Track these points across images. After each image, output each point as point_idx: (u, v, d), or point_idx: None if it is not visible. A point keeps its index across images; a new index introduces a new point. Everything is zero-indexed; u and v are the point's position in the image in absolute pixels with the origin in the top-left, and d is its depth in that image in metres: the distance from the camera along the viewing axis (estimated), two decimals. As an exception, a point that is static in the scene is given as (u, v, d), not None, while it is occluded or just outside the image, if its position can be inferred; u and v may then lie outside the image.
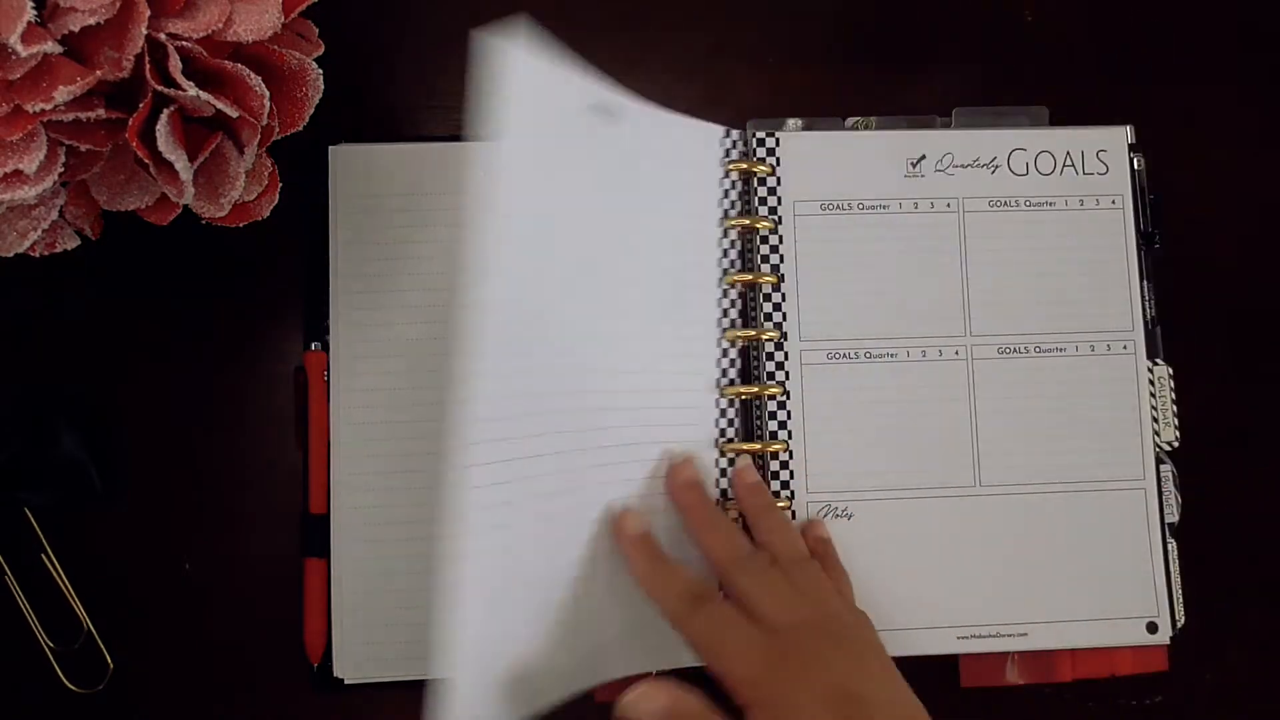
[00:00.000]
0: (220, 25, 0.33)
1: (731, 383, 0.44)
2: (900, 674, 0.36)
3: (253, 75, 0.33)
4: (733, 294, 0.44)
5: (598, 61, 0.47)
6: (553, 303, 0.38)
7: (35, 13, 0.30)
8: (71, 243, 0.37)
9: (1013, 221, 0.45)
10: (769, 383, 0.43)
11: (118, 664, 0.42)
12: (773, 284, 0.44)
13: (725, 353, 0.44)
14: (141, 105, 0.32)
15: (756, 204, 0.44)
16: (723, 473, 0.43)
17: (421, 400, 0.43)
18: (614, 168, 0.41)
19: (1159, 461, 0.44)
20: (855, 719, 0.34)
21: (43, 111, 0.31)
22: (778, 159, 0.44)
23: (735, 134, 0.45)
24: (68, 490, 0.41)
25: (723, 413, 0.43)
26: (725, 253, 0.44)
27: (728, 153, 0.45)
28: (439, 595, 0.34)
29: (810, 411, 0.43)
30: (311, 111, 0.35)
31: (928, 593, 0.43)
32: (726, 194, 0.44)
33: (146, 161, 0.33)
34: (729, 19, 0.47)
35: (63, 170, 0.33)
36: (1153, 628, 0.43)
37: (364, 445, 0.42)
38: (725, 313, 0.44)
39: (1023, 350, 0.44)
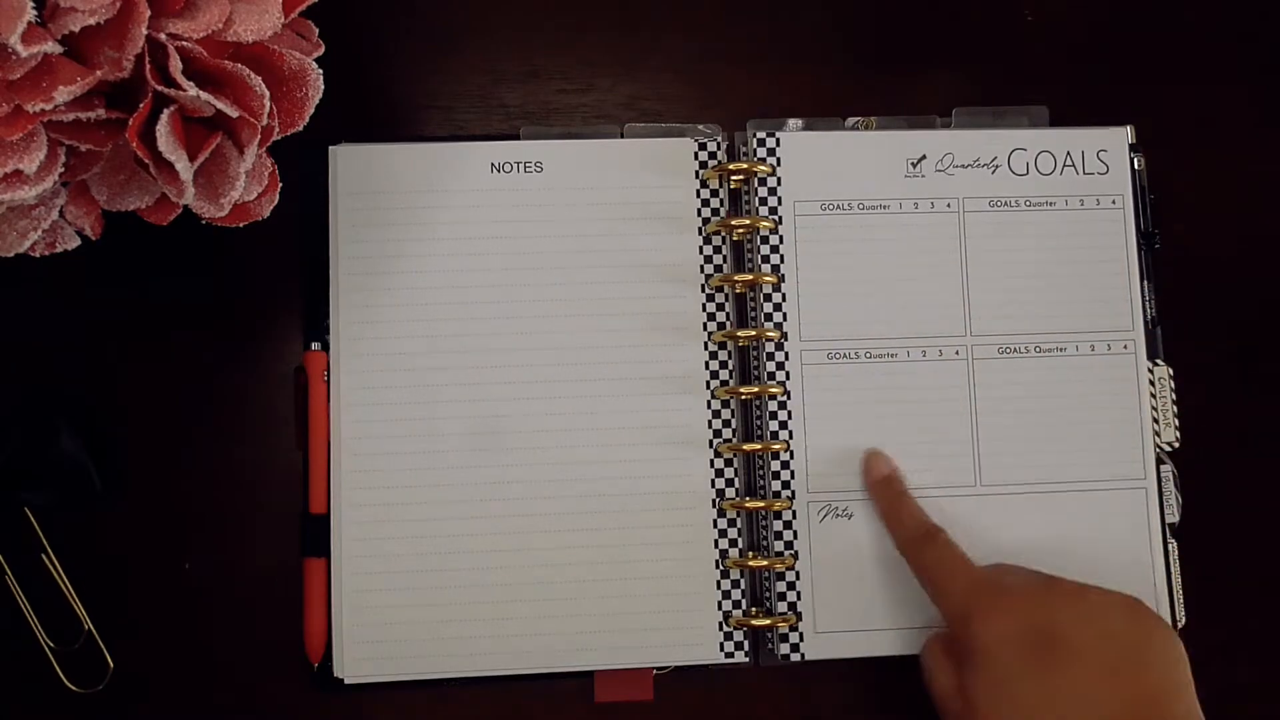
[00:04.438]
0: (220, 25, 0.33)
1: (729, 383, 0.44)
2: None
3: (253, 75, 0.33)
4: (731, 294, 0.44)
5: (598, 61, 0.47)
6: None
7: (35, 13, 0.30)
8: (71, 243, 0.37)
9: (1013, 221, 0.45)
10: (769, 383, 0.43)
11: (118, 664, 0.42)
12: (773, 284, 0.44)
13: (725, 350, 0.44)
14: (141, 105, 0.32)
15: (756, 204, 0.44)
16: (719, 473, 0.43)
17: (421, 400, 0.43)
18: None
19: (1159, 461, 0.44)
20: (1050, 654, 0.35)
21: (43, 111, 0.31)
22: (778, 159, 0.44)
23: (715, 140, 0.45)
24: (68, 490, 0.41)
25: (717, 414, 0.44)
26: (719, 252, 0.44)
27: (713, 155, 0.45)
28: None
29: (810, 411, 0.43)
30: (311, 111, 0.35)
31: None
32: (706, 203, 0.44)
33: (146, 161, 0.33)
34: (728, 19, 0.47)
35: (63, 170, 0.33)
36: (1153, 628, 0.43)
37: (364, 445, 0.42)
38: (724, 312, 0.44)
39: (1023, 350, 0.44)
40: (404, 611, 0.42)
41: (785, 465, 0.43)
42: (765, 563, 0.42)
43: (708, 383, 0.44)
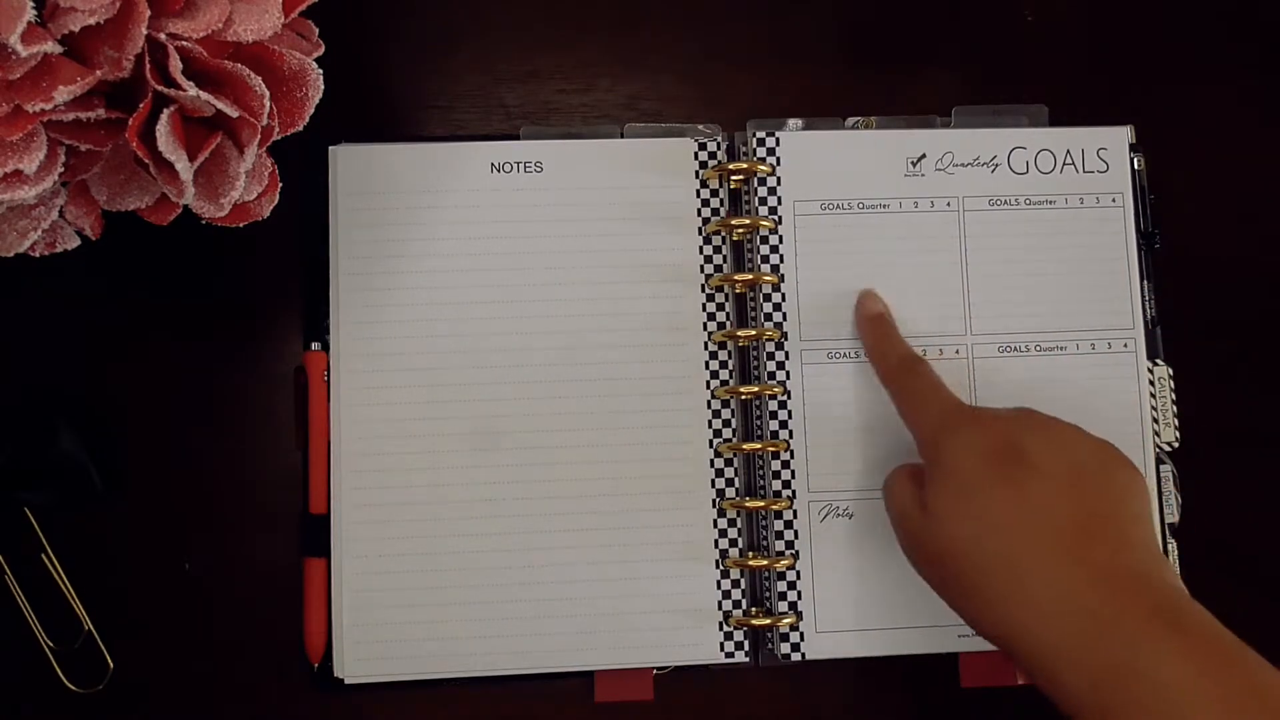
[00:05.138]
0: (220, 25, 0.33)
1: (729, 383, 0.44)
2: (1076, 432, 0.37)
3: (253, 75, 0.33)
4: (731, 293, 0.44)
5: (598, 61, 0.47)
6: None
7: (35, 13, 0.30)
8: (71, 243, 0.37)
9: (1013, 220, 0.45)
10: (769, 383, 0.43)
11: (118, 664, 0.42)
12: (773, 284, 0.44)
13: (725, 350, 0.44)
14: (141, 105, 0.32)
15: (756, 204, 0.44)
16: (719, 473, 0.43)
17: (421, 399, 0.43)
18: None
19: (1159, 461, 0.44)
20: (1014, 468, 0.35)
21: (43, 111, 0.31)
22: (778, 159, 0.44)
23: (715, 140, 0.45)
24: (68, 490, 0.41)
25: (717, 414, 0.44)
26: (719, 252, 0.44)
27: (713, 155, 0.45)
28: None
29: (810, 411, 0.43)
30: (311, 111, 0.35)
31: (928, 593, 0.42)
32: (706, 203, 0.44)
33: (146, 161, 0.33)
34: (728, 19, 0.47)
35: (63, 170, 0.33)
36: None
37: (364, 445, 0.42)
38: (724, 312, 0.44)
39: (1023, 349, 0.44)
40: (404, 611, 0.42)
41: (785, 465, 0.43)
42: (765, 563, 0.42)
43: (708, 383, 0.44)
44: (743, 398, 0.44)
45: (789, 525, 0.43)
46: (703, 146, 0.45)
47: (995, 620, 0.34)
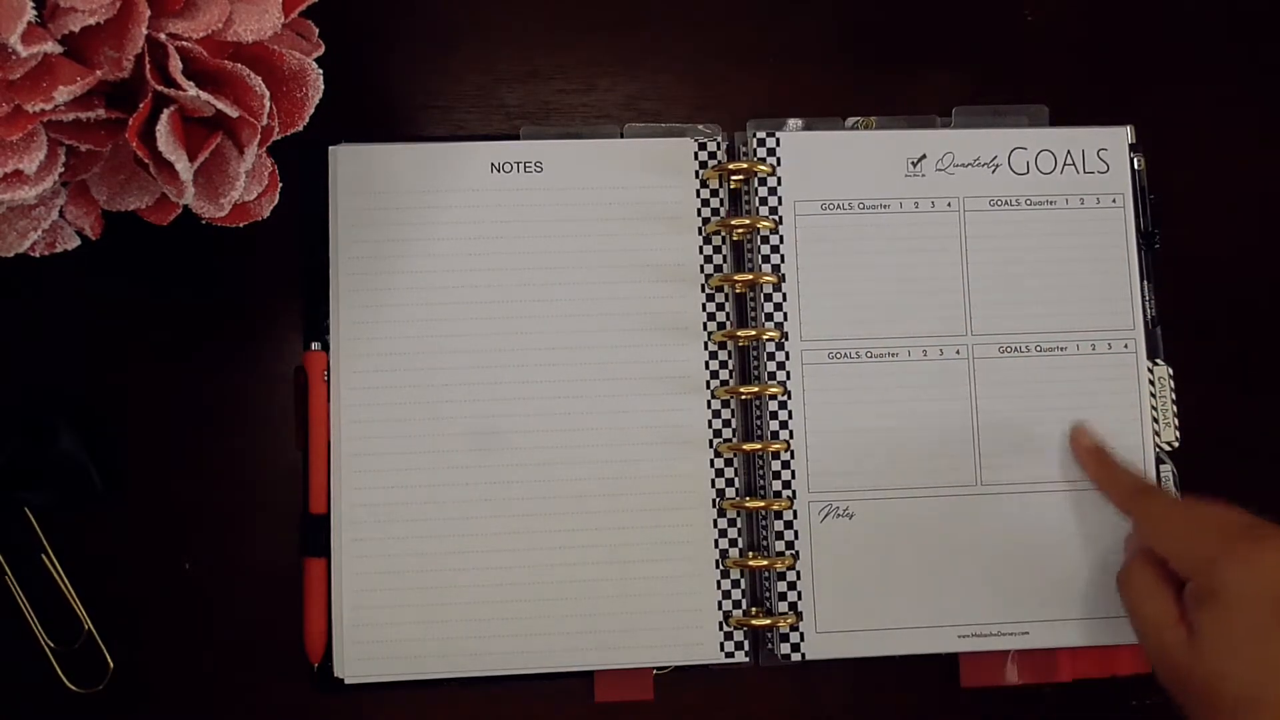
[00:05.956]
0: (220, 25, 0.33)
1: (729, 383, 0.44)
2: None
3: (253, 75, 0.33)
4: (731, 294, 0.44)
5: (598, 61, 0.47)
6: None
7: (35, 13, 0.30)
8: (71, 243, 0.37)
9: (1013, 220, 0.45)
10: (769, 383, 0.43)
11: (118, 664, 0.42)
12: (773, 284, 0.44)
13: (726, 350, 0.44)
14: (141, 105, 0.32)
15: (756, 204, 0.44)
16: (719, 473, 0.43)
17: (421, 399, 0.43)
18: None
19: (1159, 462, 0.44)
20: None
21: (43, 111, 0.31)
22: (778, 159, 0.44)
23: (715, 140, 0.45)
24: (68, 490, 0.41)
25: (717, 414, 0.44)
26: (719, 252, 0.44)
27: (713, 155, 0.45)
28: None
29: (810, 411, 0.43)
30: (311, 111, 0.35)
31: (928, 592, 0.43)
32: (706, 203, 0.44)
33: (146, 161, 0.33)
34: (728, 19, 0.47)
35: (63, 170, 0.33)
36: (1152, 627, 0.43)
37: (364, 445, 0.42)
38: (724, 312, 0.44)
39: (1023, 350, 0.44)
40: (404, 611, 0.42)
41: (785, 465, 0.43)
42: (765, 563, 0.42)
43: (708, 383, 0.44)
44: (743, 398, 0.44)
45: (789, 525, 0.43)
46: (703, 146, 0.45)
47: None
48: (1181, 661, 0.36)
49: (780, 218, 0.44)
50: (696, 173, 0.45)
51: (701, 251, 0.44)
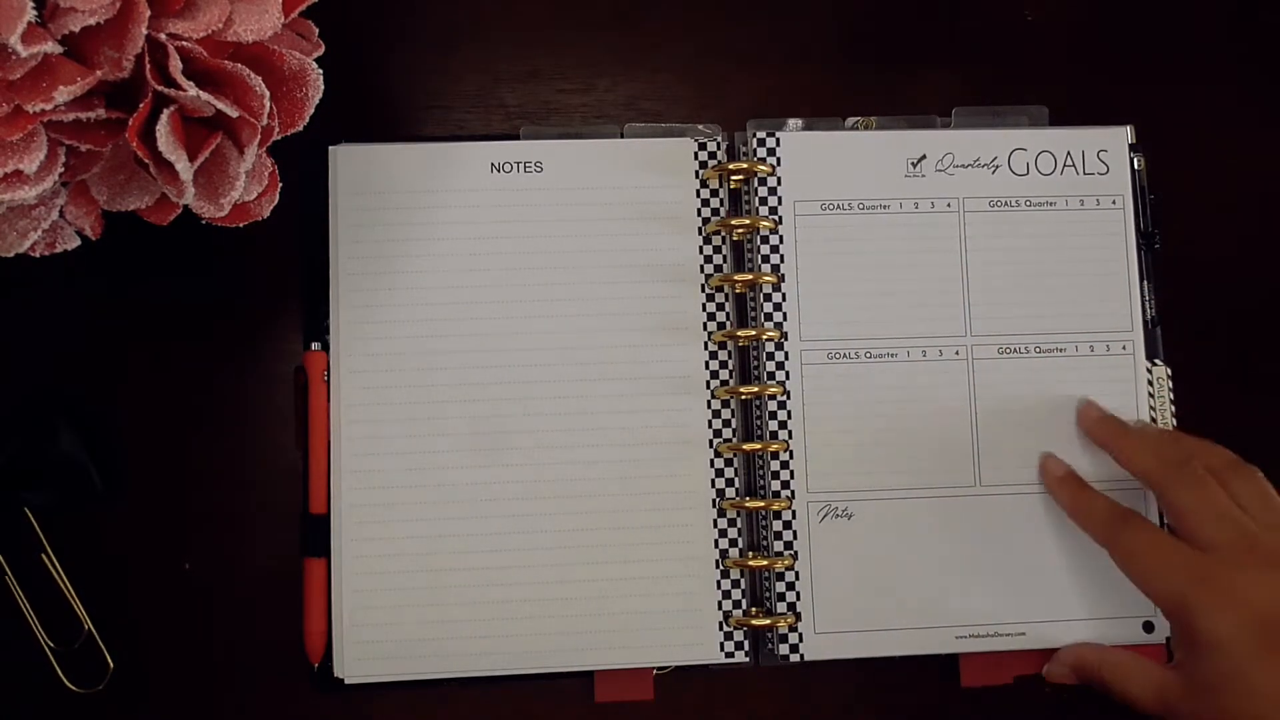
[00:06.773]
0: (220, 25, 0.33)
1: (729, 383, 0.44)
2: None
3: (253, 75, 0.33)
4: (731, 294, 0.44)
5: (598, 61, 0.47)
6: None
7: (35, 13, 0.30)
8: (71, 243, 0.37)
9: (1013, 221, 0.45)
10: (769, 383, 0.43)
11: (118, 664, 0.42)
12: (773, 284, 0.44)
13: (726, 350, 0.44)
14: (141, 105, 0.32)
15: (756, 204, 0.44)
16: (719, 473, 0.43)
17: (421, 399, 0.43)
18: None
19: (1159, 461, 0.44)
20: None
21: (43, 111, 0.31)
22: (778, 159, 0.44)
23: (715, 140, 0.45)
24: (68, 490, 0.41)
25: (717, 414, 0.44)
26: (719, 252, 0.44)
27: (713, 155, 0.45)
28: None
29: (810, 411, 0.43)
30: (311, 111, 0.35)
31: (928, 593, 0.43)
32: (706, 203, 0.44)
33: (146, 161, 0.33)
34: (728, 19, 0.47)
35: (63, 170, 0.33)
36: (1149, 627, 0.43)
37: (364, 445, 0.42)
38: (724, 312, 0.44)
39: (1023, 350, 0.44)
40: (404, 611, 0.42)
41: (785, 465, 0.43)
42: (765, 563, 0.42)
43: (708, 383, 0.44)
44: (743, 398, 0.44)
45: (788, 525, 0.43)
46: (703, 146, 0.45)
47: None
48: (1185, 709, 0.37)
49: (780, 218, 0.44)
50: (696, 173, 0.45)
51: (701, 251, 0.44)
